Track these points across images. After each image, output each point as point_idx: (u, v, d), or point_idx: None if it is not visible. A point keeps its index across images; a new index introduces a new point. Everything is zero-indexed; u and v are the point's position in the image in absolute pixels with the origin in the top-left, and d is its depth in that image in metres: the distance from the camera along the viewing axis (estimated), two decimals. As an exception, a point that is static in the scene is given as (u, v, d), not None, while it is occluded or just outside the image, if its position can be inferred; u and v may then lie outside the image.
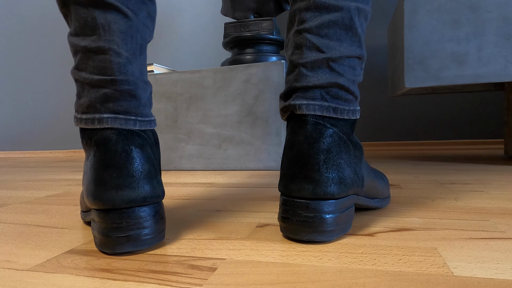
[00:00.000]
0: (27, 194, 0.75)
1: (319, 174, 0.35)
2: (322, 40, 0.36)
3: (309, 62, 0.37)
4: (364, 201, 0.43)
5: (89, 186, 0.35)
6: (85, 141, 0.37)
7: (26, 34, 2.06)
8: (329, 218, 0.35)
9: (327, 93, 0.37)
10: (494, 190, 0.59)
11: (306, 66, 0.37)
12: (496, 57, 0.80)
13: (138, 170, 0.35)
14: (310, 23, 0.37)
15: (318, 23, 0.36)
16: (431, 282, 0.27)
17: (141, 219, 0.35)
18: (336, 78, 0.37)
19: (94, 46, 0.35)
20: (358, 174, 0.38)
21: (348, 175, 0.36)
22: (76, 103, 0.37)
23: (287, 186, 0.36)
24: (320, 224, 0.35)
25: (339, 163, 0.36)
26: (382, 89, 1.50)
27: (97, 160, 0.34)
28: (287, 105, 0.38)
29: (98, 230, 0.35)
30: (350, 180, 0.36)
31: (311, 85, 0.37)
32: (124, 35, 0.36)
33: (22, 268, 0.33)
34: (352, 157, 0.37)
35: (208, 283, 0.28)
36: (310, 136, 0.36)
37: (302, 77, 0.37)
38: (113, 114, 0.35)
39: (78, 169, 1.25)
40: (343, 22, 0.36)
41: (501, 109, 1.38)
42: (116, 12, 0.35)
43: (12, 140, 2.15)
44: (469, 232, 0.38)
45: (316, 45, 0.37)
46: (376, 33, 1.49)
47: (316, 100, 0.36)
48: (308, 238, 0.35)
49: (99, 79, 0.35)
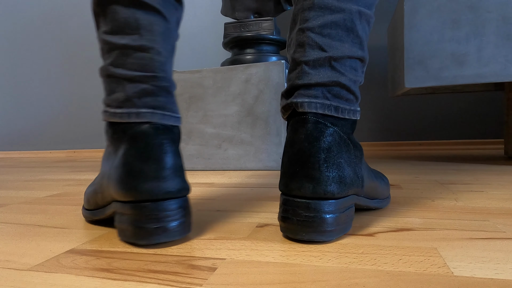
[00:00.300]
0: (27, 194, 0.75)
1: (320, 173, 0.35)
2: (324, 39, 0.37)
3: (311, 60, 0.37)
4: (364, 201, 0.43)
5: (123, 178, 0.36)
6: (116, 135, 0.37)
7: (27, 34, 2.06)
8: (329, 218, 0.35)
9: (329, 92, 0.37)
10: (494, 190, 0.59)
11: (308, 64, 0.37)
12: (496, 57, 0.80)
13: (173, 164, 0.37)
14: (313, 22, 0.37)
15: (321, 22, 0.37)
16: (431, 282, 0.27)
17: (175, 211, 0.36)
18: (337, 77, 0.37)
19: (135, 44, 0.37)
20: (358, 174, 0.38)
21: (348, 175, 0.36)
22: (108, 98, 0.38)
23: (288, 185, 0.36)
24: (320, 224, 0.35)
25: (339, 162, 0.36)
26: (382, 89, 1.50)
27: (134, 153, 0.36)
28: (289, 103, 0.38)
29: (129, 222, 0.36)
30: (350, 180, 0.37)
31: (313, 83, 0.37)
32: (163, 36, 0.38)
33: (22, 268, 0.33)
34: (352, 157, 0.37)
35: (208, 283, 0.28)
36: (311, 134, 0.36)
37: (304, 74, 0.37)
38: (151, 109, 0.37)
39: (78, 169, 1.25)
40: (344, 23, 0.37)
41: (501, 109, 1.38)
42: (157, 15, 0.38)
43: (12, 140, 2.15)
44: (469, 232, 0.38)
45: (318, 44, 0.37)
46: (376, 33, 1.49)
47: (318, 98, 0.37)
48: (308, 238, 0.35)
49: (139, 75, 0.37)
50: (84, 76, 1.97)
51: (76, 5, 1.94)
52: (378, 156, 1.25)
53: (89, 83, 1.97)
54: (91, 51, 1.95)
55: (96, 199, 0.43)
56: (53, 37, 2.00)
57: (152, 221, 0.35)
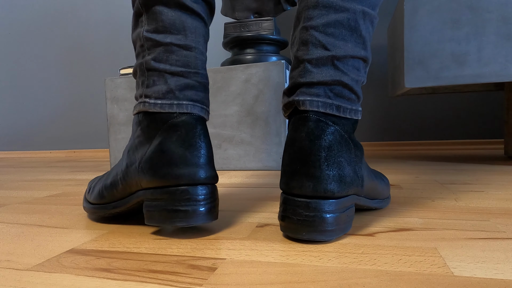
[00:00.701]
0: (27, 194, 0.75)
1: (320, 171, 0.35)
2: (328, 38, 0.37)
3: (314, 59, 0.37)
4: (364, 201, 0.43)
5: (163, 164, 0.38)
6: (153, 124, 0.40)
7: (27, 34, 2.06)
8: (329, 218, 0.35)
9: (331, 91, 0.37)
10: (494, 190, 0.59)
11: (311, 62, 0.38)
12: (496, 57, 0.80)
13: (209, 153, 0.40)
14: (317, 20, 0.38)
15: (325, 21, 0.37)
16: (431, 282, 0.27)
17: (210, 195, 0.40)
18: (340, 76, 0.37)
19: (180, 43, 0.41)
20: (358, 173, 0.38)
21: (348, 174, 0.36)
22: (148, 90, 0.41)
23: (288, 183, 0.36)
24: (320, 224, 0.35)
25: (339, 161, 0.36)
26: (382, 89, 1.50)
27: (175, 141, 0.39)
28: (291, 101, 0.38)
29: (163, 207, 0.38)
30: (350, 179, 0.37)
31: (315, 81, 0.37)
32: (204, 39, 0.43)
33: (22, 268, 0.33)
34: (352, 156, 0.38)
35: (208, 283, 0.28)
36: (312, 132, 0.36)
37: (307, 73, 0.38)
38: (191, 101, 0.40)
39: (78, 169, 1.25)
40: (348, 23, 0.37)
41: (501, 109, 1.38)
42: (200, 20, 0.42)
43: (12, 140, 2.15)
44: (469, 232, 0.38)
45: (321, 43, 0.37)
46: (376, 33, 1.49)
47: (319, 97, 0.37)
48: (308, 238, 0.35)
49: (182, 71, 0.40)
50: (84, 76, 1.97)
51: (76, 5, 1.94)
52: (378, 156, 1.25)
53: (89, 83, 1.97)
54: (91, 51, 1.95)
55: (113, 192, 0.44)
56: (53, 37, 2.00)
57: (188, 205, 0.38)
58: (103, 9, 1.90)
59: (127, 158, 0.43)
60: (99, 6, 1.91)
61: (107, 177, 0.46)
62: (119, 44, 1.90)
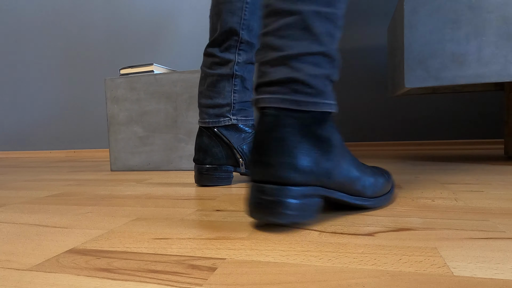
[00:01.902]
0: (27, 194, 0.75)
1: (273, 159, 0.39)
2: (280, 40, 0.41)
3: (270, 60, 0.42)
4: (339, 196, 0.44)
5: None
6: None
7: (27, 34, 2.06)
8: (284, 202, 0.38)
9: (287, 87, 0.41)
10: (494, 190, 0.59)
11: (268, 64, 0.42)
12: (496, 57, 0.80)
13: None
14: (270, 27, 0.42)
15: (277, 26, 0.42)
16: (431, 282, 0.27)
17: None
18: (293, 73, 0.41)
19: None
20: (320, 165, 0.40)
21: (305, 164, 0.39)
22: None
23: (250, 171, 0.41)
24: (275, 207, 0.38)
25: (293, 151, 0.39)
26: (382, 89, 1.50)
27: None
28: (252, 100, 0.44)
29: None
30: (309, 169, 0.39)
31: (272, 80, 0.41)
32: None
33: (22, 268, 0.33)
34: (314, 148, 0.40)
35: (208, 283, 0.28)
36: (267, 126, 0.40)
37: (265, 74, 0.42)
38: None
39: (78, 169, 1.25)
40: (297, 24, 0.41)
41: (501, 109, 1.38)
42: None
43: (12, 140, 2.15)
44: (469, 232, 0.38)
45: (275, 45, 0.42)
46: (376, 33, 1.49)
47: (275, 94, 0.41)
48: (264, 220, 0.39)
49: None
50: (84, 76, 1.97)
51: (76, 5, 1.94)
52: (378, 156, 1.25)
53: (89, 83, 1.97)
54: (91, 51, 1.95)
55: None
56: (54, 37, 2.00)
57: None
58: (103, 9, 1.90)
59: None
60: (99, 6, 1.91)
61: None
62: (119, 44, 1.90)
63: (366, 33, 1.50)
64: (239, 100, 0.74)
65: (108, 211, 0.55)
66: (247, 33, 0.72)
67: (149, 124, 1.08)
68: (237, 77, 0.73)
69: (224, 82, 0.73)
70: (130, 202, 0.61)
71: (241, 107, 0.75)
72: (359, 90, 1.52)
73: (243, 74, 0.74)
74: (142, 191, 0.72)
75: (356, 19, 1.50)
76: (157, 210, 0.54)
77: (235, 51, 0.73)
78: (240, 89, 0.74)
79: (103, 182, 0.88)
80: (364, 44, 1.50)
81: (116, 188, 0.78)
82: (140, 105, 1.08)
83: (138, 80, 1.08)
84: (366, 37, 1.50)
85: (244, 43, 0.73)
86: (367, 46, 1.50)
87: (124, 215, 0.52)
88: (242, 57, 0.73)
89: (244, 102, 0.75)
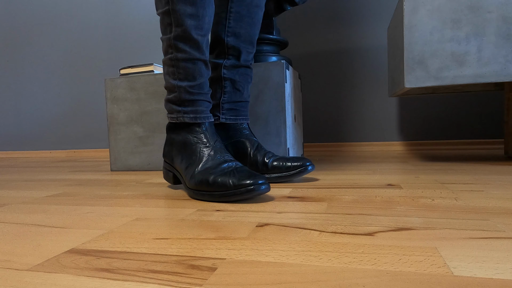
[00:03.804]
0: (27, 194, 0.75)
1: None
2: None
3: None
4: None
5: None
6: None
7: (27, 34, 2.06)
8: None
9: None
10: (494, 190, 0.59)
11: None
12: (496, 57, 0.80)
13: None
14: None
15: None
16: (431, 282, 0.27)
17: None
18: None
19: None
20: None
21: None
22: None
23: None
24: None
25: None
26: (382, 89, 1.50)
27: None
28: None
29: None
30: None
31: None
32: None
33: (22, 268, 0.33)
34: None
35: (208, 283, 0.28)
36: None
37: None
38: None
39: (78, 169, 1.25)
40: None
41: (501, 109, 1.38)
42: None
43: (12, 140, 2.15)
44: (469, 232, 0.38)
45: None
46: (376, 33, 1.49)
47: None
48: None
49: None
50: (84, 76, 1.97)
51: (76, 5, 1.94)
52: (378, 156, 1.25)
53: (89, 83, 1.97)
54: (91, 51, 1.95)
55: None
56: (54, 37, 2.00)
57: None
58: (103, 9, 1.90)
59: None
60: (99, 6, 1.91)
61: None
62: (119, 44, 1.90)
63: (366, 33, 1.50)
64: (228, 100, 0.79)
65: (108, 211, 0.55)
66: (233, 39, 0.78)
67: (149, 124, 1.08)
68: (226, 80, 0.78)
69: (215, 84, 0.79)
70: (130, 202, 0.61)
71: (231, 107, 0.80)
72: (359, 90, 1.52)
73: (232, 77, 0.79)
74: (142, 191, 0.72)
75: (356, 19, 1.50)
76: (157, 210, 0.54)
77: (224, 56, 0.79)
78: (230, 90, 0.79)
79: (103, 182, 0.88)
80: (364, 44, 1.50)
81: (116, 188, 0.78)
82: (140, 105, 1.08)
83: (138, 80, 1.08)
84: (366, 37, 1.50)
85: (231, 49, 0.78)
86: (367, 46, 1.50)
87: (124, 215, 0.52)
88: (231, 61, 0.79)
89: (234, 102, 0.80)
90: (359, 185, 0.68)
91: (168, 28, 0.65)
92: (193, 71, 0.66)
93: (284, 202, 0.56)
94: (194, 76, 0.66)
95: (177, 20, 0.63)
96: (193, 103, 0.67)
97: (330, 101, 1.57)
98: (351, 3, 1.50)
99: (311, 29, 1.56)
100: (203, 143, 0.64)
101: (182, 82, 0.66)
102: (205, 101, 0.68)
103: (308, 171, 0.73)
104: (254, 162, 0.76)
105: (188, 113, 0.66)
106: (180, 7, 0.63)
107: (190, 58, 0.65)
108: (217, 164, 0.61)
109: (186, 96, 0.66)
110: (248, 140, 0.78)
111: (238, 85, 0.80)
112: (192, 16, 0.63)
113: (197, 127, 0.66)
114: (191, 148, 0.65)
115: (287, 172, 0.73)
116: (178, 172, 0.67)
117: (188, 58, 0.65)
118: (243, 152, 0.77)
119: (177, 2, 0.62)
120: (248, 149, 0.77)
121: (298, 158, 0.74)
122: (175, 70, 0.66)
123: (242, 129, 0.80)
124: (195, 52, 0.65)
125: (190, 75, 0.66)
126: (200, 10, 0.64)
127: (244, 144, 0.78)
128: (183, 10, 0.63)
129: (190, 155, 0.64)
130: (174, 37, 0.64)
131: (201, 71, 0.66)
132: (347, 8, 1.51)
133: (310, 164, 0.74)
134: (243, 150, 0.77)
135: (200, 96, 0.67)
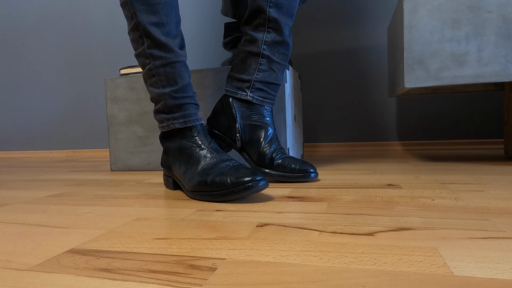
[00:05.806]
0: (27, 194, 0.75)
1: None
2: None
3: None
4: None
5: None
6: None
7: (28, 34, 2.06)
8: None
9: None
10: (494, 190, 0.59)
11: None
12: (496, 57, 0.80)
13: None
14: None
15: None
16: (431, 282, 0.27)
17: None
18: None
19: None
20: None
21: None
22: None
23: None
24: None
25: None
26: (382, 89, 1.50)
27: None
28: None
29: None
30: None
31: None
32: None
33: (22, 268, 0.33)
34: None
35: (208, 283, 0.28)
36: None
37: None
38: None
39: (78, 169, 1.25)
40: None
41: (501, 109, 1.38)
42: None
43: (12, 140, 2.15)
44: (469, 232, 0.38)
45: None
46: (376, 33, 1.49)
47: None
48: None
49: None
50: (84, 76, 1.97)
51: (76, 5, 1.94)
52: (378, 156, 1.25)
53: (89, 83, 1.97)
54: (91, 51, 1.95)
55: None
56: (54, 37, 2.00)
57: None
58: (103, 9, 1.90)
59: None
60: (99, 6, 1.91)
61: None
62: (119, 44, 1.90)
63: (366, 33, 1.50)
64: (261, 80, 0.75)
65: (108, 211, 0.55)
66: (275, 11, 0.72)
67: (149, 124, 1.08)
68: (263, 56, 0.74)
69: (251, 59, 0.75)
70: (130, 202, 0.61)
71: (262, 87, 0.76)
72: (359, 90, 1.52)
73: (272, 55, 0.75)
74: (142, 191, 0.72)
75: (356, 19, 1.50)
76: (157, 210, 0.54)
77: (264, 29, 0.73)
78: (265, 69, 0.75)
79: (103, 182, 0.88)
80: (364, 44, 1.50)
81: (116, 188, 0.78)
82: (140, 105, 1.08)
83: (138, 80, 1.08)
84: (366, 37, 1.50)
85: (272, 21, 0.73)
86: (367, 46, 1.50)
87: (124, 215, 0.52)
88: (271, 35, 0.74)
89: (266, 83, 0.76)
90: (359, 185, 0.68)
91: (140, 41, 0.66)
92: (173, 75, 0.66)
93: (284, 202, 0.56)
94: (175, 80, 0.66)
95: (145, 31, 0.64)
96: (180, 108, 0.66)
97: (330, 101, 1.57)
98: (351, 4, 1.50)
99: (311, 29, 1.56)
100: (198, 145, 0.64)
101: (165, 88, 0.66)
102: (192, 103, 0.68)
103: (310, 178, 0.73)
104: (263, 154, 0.74)
105: (177, 119, 0.66)
106: (144, 18, 0.63)
107: (167, 62, 0.65)
108: (214, 164, 0.61)
109: (171, 101, 0.66)
110: (265, 128, 0.75)
111: (275, 66, 0.76)
112: (157, 24, 0.64)
113: (189, 131, 0.66)
114: (187, 153, 0.65)
115: (291, 173, 0.73)
116: (178, 179, 0.67)
117: (166, 63, 0.65)
118: (256, 139, 0.75)
119: (139, 14, 0.63)
120: (262, 137, 0.75)
121: (305, 163, 0.74)
122: (157, 78, 0.66)
123: (265, 113, 0.77)
124: (170, 56, 0.65)
125: (172, 80, 0.66)
126: (164, 17, 0.64)
127: (259, 131, 0.75)
128: (147, 19, 0.63)
129: (187, 160, 0.64)
130: (147, 46, 0.65)
131: (181, 73, 0.66)
132: (347, 8, 1.51)
133: (314, 172, 0.73)
134: (256, 136, 0.75)
135: (185, 99, 0.67)
